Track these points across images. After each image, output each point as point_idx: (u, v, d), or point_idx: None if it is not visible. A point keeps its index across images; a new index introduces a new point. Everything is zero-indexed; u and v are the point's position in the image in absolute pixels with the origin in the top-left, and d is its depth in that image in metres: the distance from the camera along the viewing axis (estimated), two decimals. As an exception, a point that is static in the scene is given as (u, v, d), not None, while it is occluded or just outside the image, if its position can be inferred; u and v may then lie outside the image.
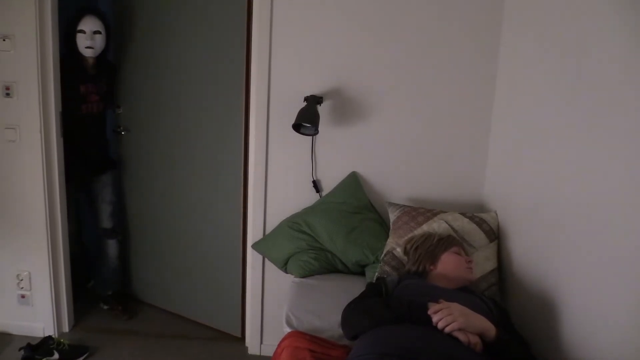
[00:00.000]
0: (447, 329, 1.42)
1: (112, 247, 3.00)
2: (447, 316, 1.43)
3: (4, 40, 2.40)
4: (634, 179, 1.35)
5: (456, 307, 1.46)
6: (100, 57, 2.70)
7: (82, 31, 2.53)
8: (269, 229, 2.52)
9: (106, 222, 2.95)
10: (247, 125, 2.53)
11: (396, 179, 2.45)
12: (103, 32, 2.58)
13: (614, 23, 1.48)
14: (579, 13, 1.68)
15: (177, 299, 2.99)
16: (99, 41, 2.58)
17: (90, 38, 2.54)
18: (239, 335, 2.80)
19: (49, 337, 2.54)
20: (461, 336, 1.41)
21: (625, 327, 1.38)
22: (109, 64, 2.82)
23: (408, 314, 1.49)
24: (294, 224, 2.40)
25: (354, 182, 2.43)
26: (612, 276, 1.43)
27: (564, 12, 1.77)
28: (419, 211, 2.22)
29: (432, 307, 1.48)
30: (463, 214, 2.18)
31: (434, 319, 1.45)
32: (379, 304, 1.58)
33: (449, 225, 2.14)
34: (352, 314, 1.62)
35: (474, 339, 1.41)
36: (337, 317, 1.71)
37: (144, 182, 2.99)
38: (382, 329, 1.49)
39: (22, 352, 2.45)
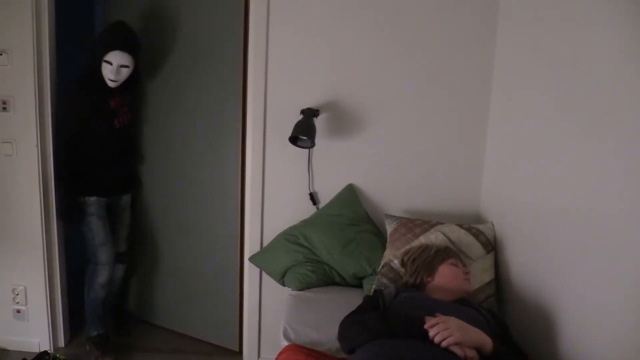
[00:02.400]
0: (443, 344, 1.41)
1: (119, 270, 2.87)
2: (443, 330, 1.43)
3: (0, 54, 2.41)
4: (631, 188, 1.36)
5: (453, 321, 1.46)
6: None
7: (109, 62, 2.35)
8: (266, 242, 2.52)
9: (122, 246, 2.83)
10: (244, 139, 2.54)
11: (393, 191, 2.45)
12: (131, 65, 2.40)
13: (608, 33, 1.50)
14: (572, 25, 1.69)
15: (175, 315, 2.95)
16: (125, 74, 2.41)
17: (116, 72, 2.37)
18: (237, 350, 2.78)
19: (45, 352, 2.51)
20: (458, 350, 1.40)
21: (623, 337, 1.38)
22: (136, 75, 2.59)
23: (405, 328, 1.49)
24: (291, 237, 2.39)
25: (350, 194, 2.43)
26: (610, 286, 1.43)
27: (557, 26, 1.79)
28: (416, 223, 2.22)
29: (429, 322, 1.47)
30: (460, 226, 2.18)
31: (431, 333, 1.44)
32: (376, 317, 1.58)
33: (446, 236, 2.14)
34: (349, 327, 1.62)
35: (471, 353, 1.41)
36: (334, 330, 1.70)
37: (137, 196, 2.97)
38: (379, 342, 1.48)
39: (17, 367, 2.44)
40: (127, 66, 2.39)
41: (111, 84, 2.42)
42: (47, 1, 2.40)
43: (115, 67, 2.36)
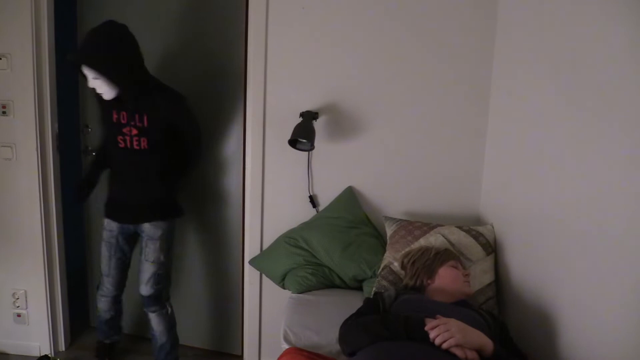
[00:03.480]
0: (444, 345, 1.41)
1: (154, 321, 2.42)
2: (444, 332, 1.42)
3: (0, 59, 2.42)
4: (630, 189, 1.36)
5: (453, 323, 1.45)
6: (143, 87, 2.18)
7: (85, 76, 2.13)
8: (265, 245, 2.52)
9: (144, 288, 2.36)
10: (244, 141, 2.54)
11: (392, 193, 2.45)
12: (101, 77, 2.08)
13: (608, 34, 1.50)
14: (572, 26, 1.70)
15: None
16: (101, 85, 2.10)
17: (92, 84, 2.12)
18: (239, 354, 2.77)
19: (45, 356, 2.52)
20: (459, 352, 1.40)
21: (623, 338, 1.38)
22: (162, 94, 2.22)
23: (405, 331, 1.49)
24: (291, 240, 2.39)
25: (350, 197, 2.43)
26: (609, 287, 1.43)
27: (557, 26, 1.79)
28: (416, 225, 2.22)
29: (429, 323, 1.47)
30: (460, 228, 2.19)
31: (431, 335, 1.44)
32: (376, 320, 1.58)
33: (445, 238, 2.14)
34: (350, 330, 1.62)
35: (472, 355, 1.41)
36: (335, 333, 1.70)
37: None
38: (379, 345, 1.48)
39: (18, 371, 2.44)
40: (97, 77, 2.08)
41: (104, 96, 2.15)
42: (47, 5, 2.41)
43: (89, 80, 2.10)
